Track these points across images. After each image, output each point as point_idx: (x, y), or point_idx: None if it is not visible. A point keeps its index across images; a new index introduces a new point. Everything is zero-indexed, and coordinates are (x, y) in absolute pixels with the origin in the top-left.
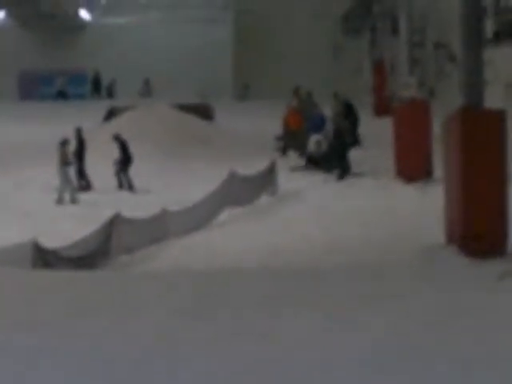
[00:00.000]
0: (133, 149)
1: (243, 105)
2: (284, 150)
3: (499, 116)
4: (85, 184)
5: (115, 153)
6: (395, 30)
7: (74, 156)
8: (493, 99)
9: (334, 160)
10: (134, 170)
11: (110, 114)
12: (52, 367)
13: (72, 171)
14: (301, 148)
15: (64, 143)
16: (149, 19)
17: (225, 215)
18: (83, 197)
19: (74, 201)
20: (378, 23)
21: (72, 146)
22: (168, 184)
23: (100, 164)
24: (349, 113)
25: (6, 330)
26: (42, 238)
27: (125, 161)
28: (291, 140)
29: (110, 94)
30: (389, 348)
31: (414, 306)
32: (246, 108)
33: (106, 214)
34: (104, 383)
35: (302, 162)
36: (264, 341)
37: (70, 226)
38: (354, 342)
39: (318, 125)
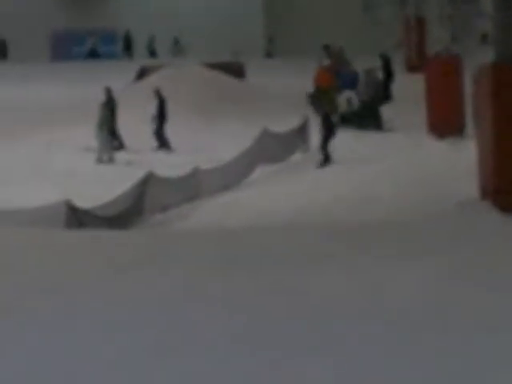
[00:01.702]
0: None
1: (274, 62)
2: (315, 108)
3: None
4: (117, 144)
5: (147, 112)
6: None
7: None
8: None
9: (366, 116)
10: (167, 129)
11: (142, 74)
12: (86, 327)
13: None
14: (331, 105)
15: (105, 104)
16: None
17: (257, 173)
18: (117, 157)
19: (111, 161)
20: None
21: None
22: (200, 143)
23: (132, 123)
24: (385, 67)
25: (41, 290)
26: (76, 197)
27: (162, 118)
28: (321, 98)
29: (153, 52)
30: (422, 305)
31: (447, 263)
32: (276, 65)
33: (140, 173)
34: (134, 340)
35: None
36: (291, 296)
37: (103, 185)
38: (381, 299)
39: (351, 82)
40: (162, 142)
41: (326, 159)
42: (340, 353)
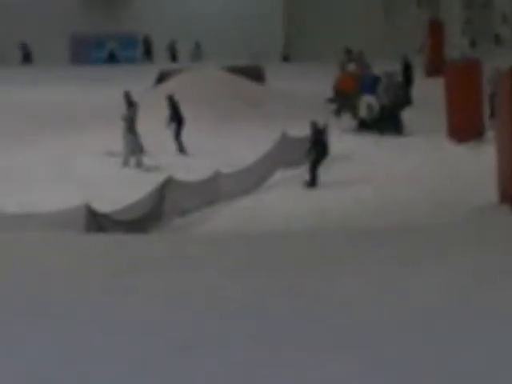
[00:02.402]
0: (184, 112)
1: (293, 65)
2: (338, 112)
3: None
4: (180, 147)
5: (167, 116)
6: None
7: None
8: None
9: (386, 120)
10: (186, 133)
11: (161, 78)
12: (107, 329)
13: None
14: (354, 110)
15: (131, 107)
16: None
17: (277, 177)
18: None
19: (139, 165)
20: None
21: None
22: (220, 147)
23: (151, 127)
24: (405, 71)
25: (63, 293)
26: (96, 201)
27: (178, 123)
28: (345, 102)
29: (174, 56)
30: (446, 307)
31: (464, 266)
32: (296, 69)
33: (160, 177)
34: (156, 342)
35: (354, 123)
36: (313, 300)
37: (123, 189)
38: (401, 303)
39: (371, 86)
40: (182, 147)
41: (313, 181)
42: (364, 354)
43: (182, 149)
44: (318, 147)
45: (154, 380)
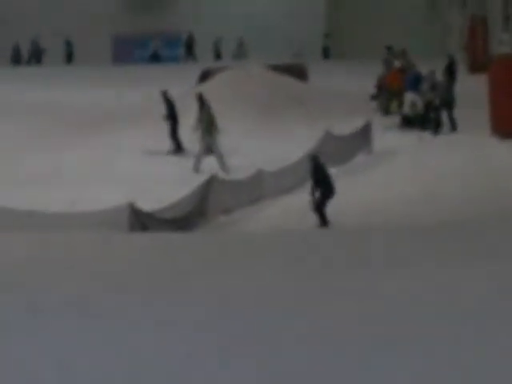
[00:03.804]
0: (227, 110)
1: (335, 62)
2: (387, 110)
3: None
4: (175, 147)
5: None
6: None
7: (164, 118)
8: None
9: (429, 117)
10: (230, 132)
11: (204, 76)
12: (149, 326)
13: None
14: (399, 109)
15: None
16: None
17: None
18: (175, 159)
19: (224, 169)
20: None
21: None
22: (264, 145)
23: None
24: (448, 68)
25: (110, 291)
26: (139, 200)
27: (173, 121)
28: (390, 100)
29: (218, 54)
30: (491, 308)
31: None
32: (338, 66)
33: (203, 175)
34: (201, 341)
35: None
36: (361, 298)
37: (166, 188)
38: (456, 299)
39: (414, 83)
40: (176, 146)
41: (324, 222)
42: (416, 351)
43: (178, 148)
44: (321, 186)
45: (205, 378)
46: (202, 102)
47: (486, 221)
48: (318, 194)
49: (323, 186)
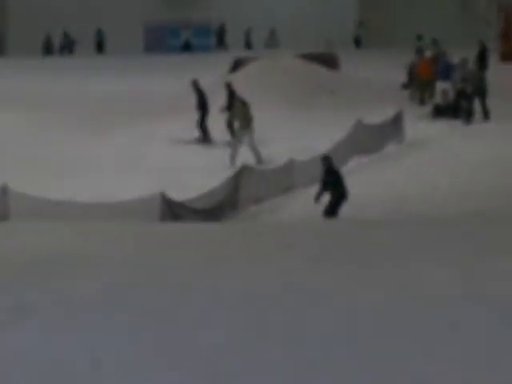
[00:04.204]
0: (258, 99)
1: (366, 51)
2: (421, 100)
3: None
4: (202, 136)
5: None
6: None
7: (195, 108)
8: None
9: (461, 106)
10: (261, 120)
11: (236, 66)
12: (180, 316)
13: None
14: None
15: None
16: None
17: (352, 163)
18: (206, 149)
19: (260, 161)
20: None
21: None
22: (295, 134)
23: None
24: (480, 55)
25: (144, 280)
26: (171, 189)
27: (203, 110)
28: (423, 90)
29: (249, 44)
30: None
31: None
32: (369, 54)
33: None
34: (234, 325)
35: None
36: (391, 289)
37: (197, 178)
38: (483, 287)
39: (445, 72)
40: (204, 135)
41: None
42: (448, 338)
43: (204, 138)
44: (333, 188)
45: (236, 364)
46: (230, 91)
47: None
48: (329, 198)
49: (336, 189)
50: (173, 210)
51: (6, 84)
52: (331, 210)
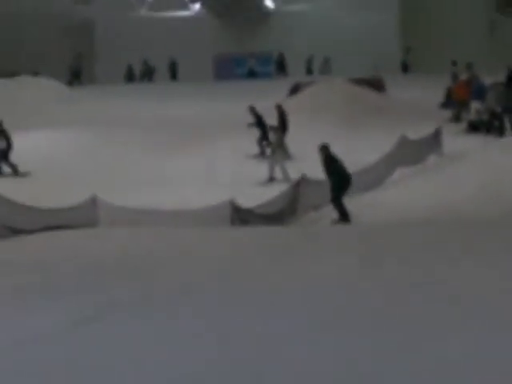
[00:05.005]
0: (314, 119)
1: (409, 75)
2: (457, 118)
3: None
4: (260, 151)
5: (301, 122)
6: None
7: (249, 126)
8: None
9: (492, 123)
10: (316, 138)
11: (295, 90)
12: (250, 306)
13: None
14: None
15: (275, 129)
16: (321, 6)
17: (397, 174)
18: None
19: (287, 179)
20: None
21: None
22: (346, 149)
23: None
24: (509, 78)
25: (216, 279)
26: (240, 198)
27: (263, 130)
28: (459, 108)
29: (310, 70)
30: None
31: None
32: (412, 78)
33: (293, 176)
34: (294, 321)
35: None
36: (429, 287)
37: (258, 187)
38: None
39: (479, 93)
40: (262, 151)
41: (344, 216)
42: (480, 332)
43: (262, 154)
44: (336, 175)
45: (301, 350)
46: (281, 112)
47: None
48: (332, 185)
49: (338, 177)
50: (241, 216)
51: (94, 108)
52: (337, 196)
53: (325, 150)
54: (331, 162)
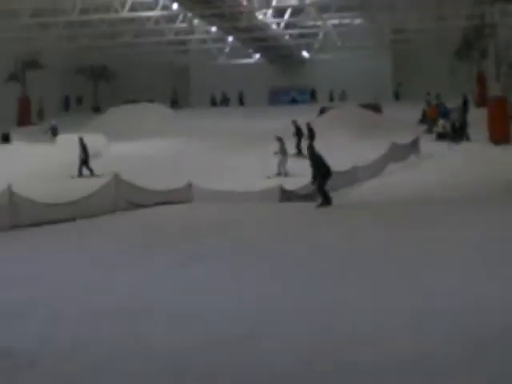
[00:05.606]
0: (335, 132)
1: (399, 102)
2: (429, 130)
3: None
4: (297, 152)
5: (327, 137)
6: (485, 55)
7: (293, 135)
8: None
9: (454, 134)
10: (337, 145)
11: (322, 112)
12: (291, 271)
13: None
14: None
15: (281, 139)
16: (342, 55)
17: (389, 168)
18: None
19: (286, 174)
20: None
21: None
22: (356, 151)
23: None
24: (464, 103)
25: (265, 239)
26: (286, 183)
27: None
28: (431, 124)
29: (331, 99)
30: None
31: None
32: (400, 104)
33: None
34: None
35: (433, 136)
36: (433, 242)
37: (296, 177)
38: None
39: (445, 113)
40: (298, 152)
41: (326, 200)
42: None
43: (299, 154)
44: (321, 170)
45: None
46: (309, 128)
47: (491, 192)
48: (317, 178)
49: (324, 169)
50: (286, 195)
51: (192, 123)
52: (321, 184)
53: (311, 149)
54: (317, 158)
